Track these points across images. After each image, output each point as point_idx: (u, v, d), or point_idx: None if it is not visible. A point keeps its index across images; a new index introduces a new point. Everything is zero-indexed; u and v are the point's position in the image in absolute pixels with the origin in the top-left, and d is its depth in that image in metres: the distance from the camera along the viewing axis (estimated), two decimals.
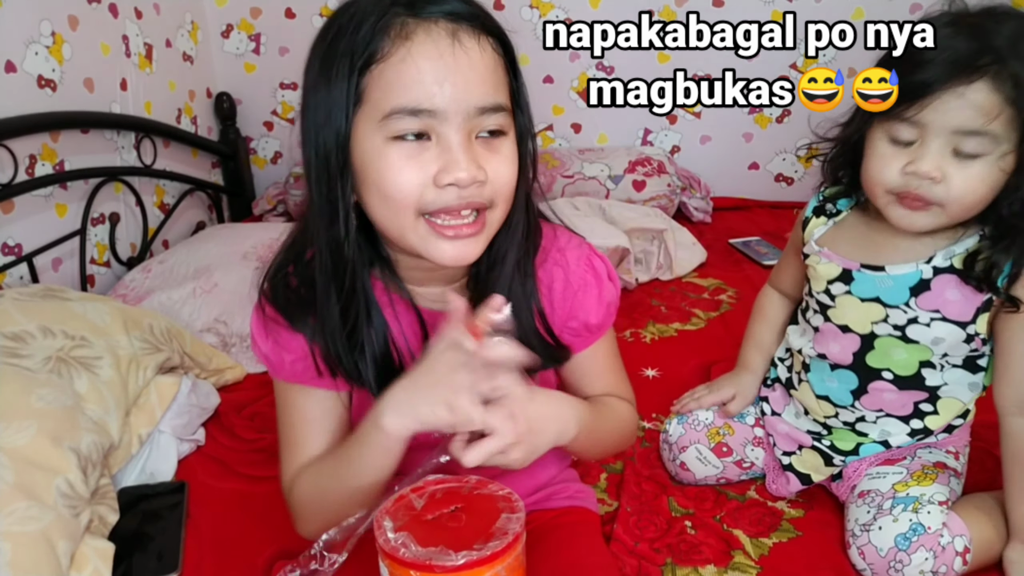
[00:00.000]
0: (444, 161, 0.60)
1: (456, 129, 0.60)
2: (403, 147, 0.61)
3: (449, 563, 0.56)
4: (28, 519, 0.86)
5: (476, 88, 0.60)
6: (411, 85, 0.59)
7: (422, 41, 0.59)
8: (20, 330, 1.09)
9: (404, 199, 0.61)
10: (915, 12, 2.22)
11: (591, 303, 0.77)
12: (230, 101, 2.33)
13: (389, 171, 0.61)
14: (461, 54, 0.59)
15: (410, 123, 0.60)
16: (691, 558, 0.96)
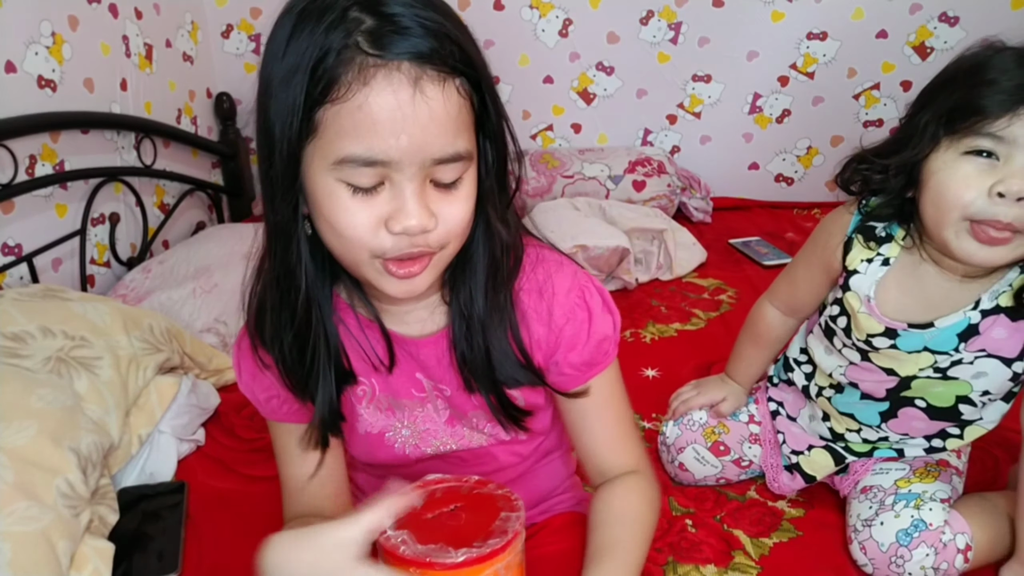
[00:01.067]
0: (394, 208, 0.57)
1: (410, 178, 0.57)
2: (352, 189, 0.57)
3: (448, 560, 0.56)
4: (28, 519, 0.86)
5: (434, 139, 0.56)
6: (364, 135, 0.55)
7: (381, 89, 0.54)
8: (20, 330, 1.09)
9: (355, 243, 0.59)
10: (915, 12, 2.22)
11: (579, 337, 0.72)
12: (230, 101, 2.33)
13: (342, 213, 0.58)
14: (421, 104, 0.54)
15: (362, 173, 0.56)
16: (692, 556, 0.97)
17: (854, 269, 0.92)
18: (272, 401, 0.74)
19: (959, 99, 0.80)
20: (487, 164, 0.62)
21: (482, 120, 0.61)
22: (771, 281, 1.87)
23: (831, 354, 0.99)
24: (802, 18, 2.27)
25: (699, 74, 2.38)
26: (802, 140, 2.44)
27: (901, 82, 2.32)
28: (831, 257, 0.95)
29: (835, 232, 0.95)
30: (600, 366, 0.75)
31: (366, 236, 0.58)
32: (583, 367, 0.74)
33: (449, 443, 0.78)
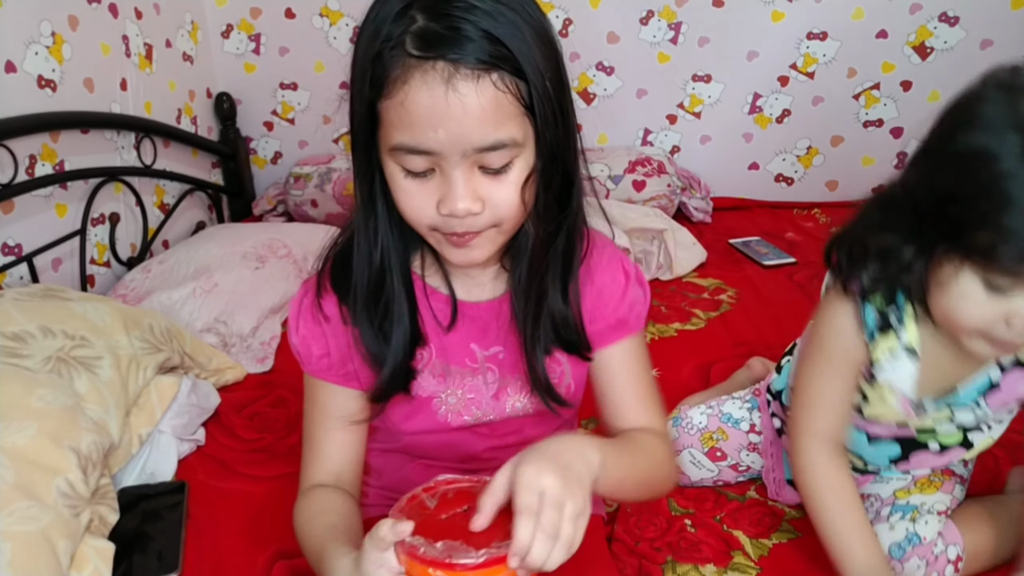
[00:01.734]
0: (443, 192, 0.63)
1: (455, 165, 0.62)
2: (410, 176, 0.64)
3: (470, 561, 0.56)
4: (28, 519, 0.86)
5: (472, 131, 0.60)
6: (408, 128, 0.60)
7: (417, 87, 0.59)
8: (20, 330, 1.09)
9: (415, 219, 0.66)
10: (915, 12, 2.22)
11: (614, 301, 0.79)
12: (230, 101, 2.33)
13: (401, 194, 0.65)
14: (454, 100, 0.58)
15: (412, 160, 0.62)
16: (691, 556, 0.97)
17: (877, 359, 0.86)
18: (323, 359, 0.77)
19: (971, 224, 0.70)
20: (545, 147, 0.65)
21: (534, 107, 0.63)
22: (771, 281, 1.88)
23: None
24: (802, 18, 2.27)
25: (699, 74, 2.38)
26: (802, 140, 2.44)
27: (901, 82, 2.32)
28: (857, 352, 0.87)
29: (844, 328, 0.87)
30: (632, 328, 0.80)
31: (422, 214, 0.65)
32: (617, 325, 0.79)
33: (490, 414, 0.82)
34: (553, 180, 0.67)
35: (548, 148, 0.65)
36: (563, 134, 0.66)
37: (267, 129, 2.50)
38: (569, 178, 0.70)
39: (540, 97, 0.62)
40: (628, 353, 0.81)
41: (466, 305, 0.77)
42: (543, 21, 0.64)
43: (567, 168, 0.68)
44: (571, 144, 0.68)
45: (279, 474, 1.16)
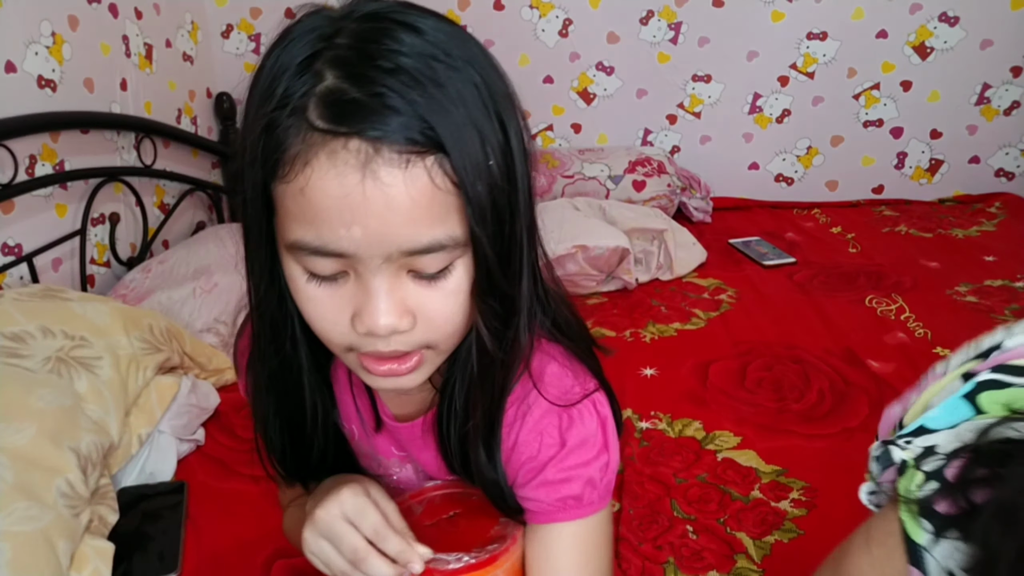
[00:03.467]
0: (358, 303, 0.47)
1: (376, 271, 0.46)
2: (316, 281, 0.48)
3: (449, 567, 0.56)
4: (28, 519, 0.85)
5: (399, 230, 0.44)
6: (310, 223, 0.45)
7: (323, 173, 0.43)
8: (20, 330, 1.09)
9: (327, 337, 0.51)
10: (915, 12, 2.22)
11: (536, 467, 0.58)
12: (230, 101, 2.33)
13: (306, 302, 0.49)
14: (375, 192, 0.43)
15: (317, 263, 0.47)
16: (693, 565, 0.96)
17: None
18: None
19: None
20: (481, 256, 0.48)
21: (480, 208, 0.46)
22: (771, 281, 1.88)
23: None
24: (802, 18, 2.28)
25: (699, 74, 2.39)
26: (802, 140, 2.44)
27: (901, 82, 2.32)
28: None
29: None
30: (574, 511, 0.59)
31: (334, 330, 0.49)
32: (553, 500, 0.59)
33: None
34: (500, 287, 0.50)
35: (484, 259, 0.48)
36: (507, 240, 0.49)
37: None
38: (509, 300, 0.51)
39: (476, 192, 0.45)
40: (567, 542, 0.60)
41: (388, 419, 0.63)
42: (491, 78, 0.48)
43: (506, 287, 0.50)
44: (515, 255, 0.50)
45: None
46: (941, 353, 1.45)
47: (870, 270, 1.90)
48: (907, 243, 2.09)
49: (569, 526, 0.59)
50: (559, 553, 0.60)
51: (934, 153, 2.41)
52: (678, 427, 1.27)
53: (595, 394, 0.59)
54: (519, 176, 0.49)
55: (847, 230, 2.21)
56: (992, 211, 2.29)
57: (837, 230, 2.22)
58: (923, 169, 2.44)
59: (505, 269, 0.50)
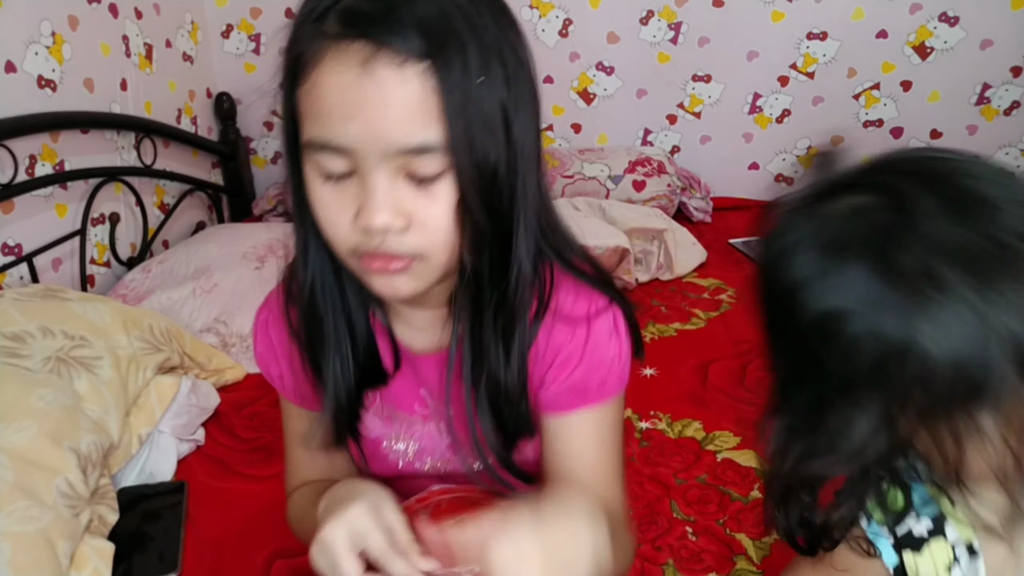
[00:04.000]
0: (360, 202, 0.52)
1: (374, 168, 0.50)
2: (327, 181, 0.53)
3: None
4: (28, 519, 0.85)
5: (394, 127, 0.49)
6: (318, 119, 0.51)
7: (330, 70, 0.49)
8: (20, 330, 1.09)
9: (333, 237, 0.55)
10: (915, 12, 2.22)
11: (572, 362, 0.63)
12: (230, 101, 2.33)
13: (318, 206, 0.54)
14: (371, 87, 0.48)
15: (328, 160, 0.52)
16: (692, 567, 0.96)
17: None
18: (280, 380, 0.72)
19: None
20: (474, 164, 0.52)
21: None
22: None
23: None
24: (802, 18, 2.28)
25: (699, 74, 2.38)
26: (802, 140, 2.44)
27: (901, 82, 2.32)
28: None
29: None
30: (592, 398, 0.64)
31: (339, 230, 0.54)
32: (570, 395, 0.64)
33: (445, 462, 0.74)
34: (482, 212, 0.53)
35: (471, 174, 0.51)
36: (505, 149, 0.53)
37: (267, 129, 2.50)
38: (510, 212, 0.55)
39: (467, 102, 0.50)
40: (587, 427, 0.65)
41: (408, 353, 0.67)
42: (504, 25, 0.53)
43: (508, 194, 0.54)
44: (515, 165, 0.54)
45: (279, 474, 1.15)
46: None
47: None
48: None
49: (586, 413, 0.64)
50: (577, 439, 0.65)
51: None
52: (678, 427, 1.27)
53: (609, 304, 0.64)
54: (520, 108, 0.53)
55: None
56: None
57: None
58: None
59: (490, 187, 0.53)
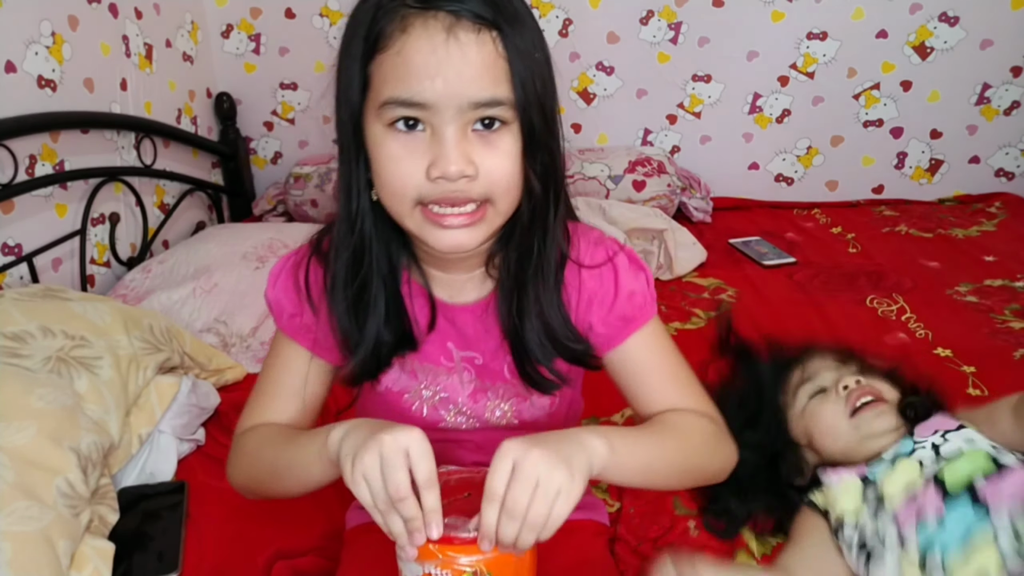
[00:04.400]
0: (434, 154, 0.60)
1: (448, 122, 0.60)
2: (399, 137, 0.61)
3: (467, 535, 0.57)
4: (28, 519, 0.85)
5: (470, 83, 0.59)
6: (404, 77, 0.59)
7: (418, 35, 0.58)
8: (20, 330, 1.09)
9: (400, 188, 0.62)
10: (915, 12, 2.22)
11: (609, 300, 0.74)
12: (230, 101, 2.33)
13: (387, 161, 0.62)
14: (455, 49, 0.58)
15: (403, 112, 0.60)
16: None
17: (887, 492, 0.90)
18: (295, 319, 0.76)
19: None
20: (529, 126, 0.63)
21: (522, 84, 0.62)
22: (771, 281, 1.88)
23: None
24: (802, 18, 2.28)
25: (699, 74, 2.38)
26: (802, 140, 2.44)
27: (901, 82, 2.32)
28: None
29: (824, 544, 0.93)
30: (637, 321, 0.75)
31: (408, 182, 0.61)
32: (619, 323, 0.74)
33: (468, 416, 0.79)
34: (537, 163, 0.65)
35: (530, 128, 0.63)
36: (546, 119, 0.65)
37: (267, 129, 2.50)
38: (553, 166, 0.67)
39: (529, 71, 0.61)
40: (642, 346, 0.76)
41: (445, 307, 0.75)
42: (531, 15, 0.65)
43: (549, 154, 0.66)
44: (554, 132, 0.66)
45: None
46: (941, 354, 1.45)
47: (870, 270, 1.90)
48: (907, 243, 2.09)
49: (637, 336, 0.75)
50: (640, 359, 0.76)
51: (934, 153, 2.41)
52: None
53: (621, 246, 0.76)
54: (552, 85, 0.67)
55: (847, 230, 2.21)
56: (992, 211, 2.29)
57: (837, 230, 2.22)
58: (923, 169, 2.44)
59: (541, 140, 0.64)
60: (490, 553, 0.57)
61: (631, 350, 0.76)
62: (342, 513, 0.97)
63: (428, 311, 0.74)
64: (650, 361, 0.76)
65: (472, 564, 0.58)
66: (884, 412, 0.97)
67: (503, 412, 0.79)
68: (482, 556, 0.57)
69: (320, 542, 1.02)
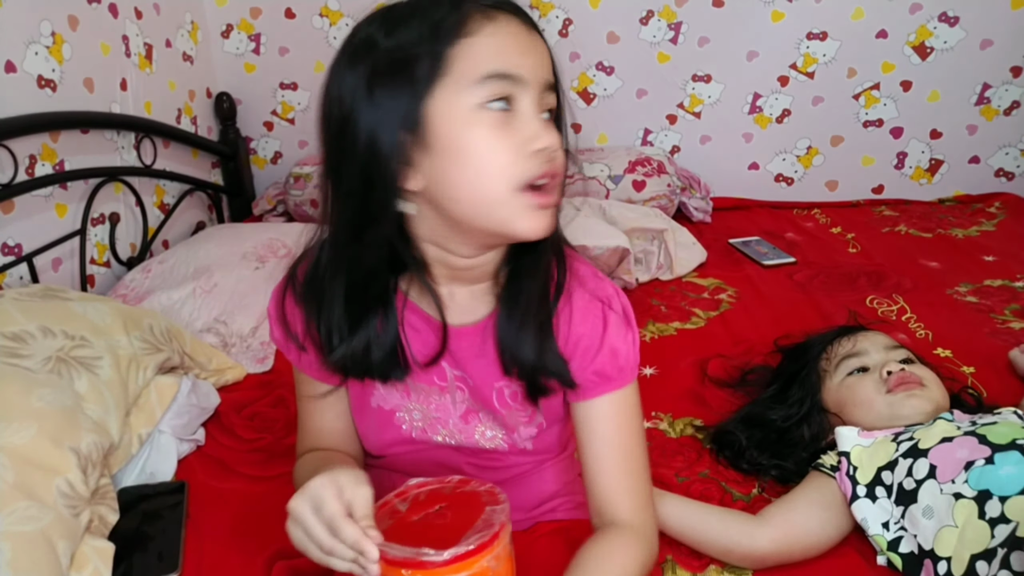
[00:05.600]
0: (531, 130, 0.63)
1: (533, 101, 0.64)
2: (490, 117, 0.62)
3: (439, 559, 0.57)
4: (28, 519, 0.85)
5: (545, 65, 0.66)
6: (501, 54, 0.62)
7: (507, 21, 0.63)
8: (20, 330, 1.09)
9: (498, 171, 0.63)
10: (915, 12, 2.22)
11: (593, 344, 0.73)
12: (230, 101, 2.33)
13: (480, 142, 0.62)
14: (535, 35, 0.66)
15: (501, 86, 0.62)
16: (692, 563, 0.96)
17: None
18: (293, 353, 0.80)
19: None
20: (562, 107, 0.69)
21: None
22: (771, 281, 1.88)
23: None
24: (802, 18, 2.28)
25: (699, 74, 2.38)
26: (802, 140, 2.44)
27: (901, 82, 2.32)
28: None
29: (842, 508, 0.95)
30: (614, 383, 0.74)
31: (508, 164, 0.62)
32: (595, 379, 0.73)
33: (457, 436, 0.80)
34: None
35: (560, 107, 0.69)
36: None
37: (267, 129, 2.50)
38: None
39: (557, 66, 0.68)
40: (609, 414, 0.75)
41: (456, 330, 0.75)
42: None
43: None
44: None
45: (279, 474, 1.16)
46: (941, 354, 1.45)
47: (870, 270, 1.90)
48: (907, 243, 2.09)
49: (608, 398, 0.74)
50: (603, 421, 0.74)
51: (934, 153, 2.41)
52: (679, 426, 1.27)
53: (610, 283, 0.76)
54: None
55: (847, 230, 2.21)
56: (992, 211, 2.29)
57: (837, 230, 2.22)
58: (923, 169, 2.44)
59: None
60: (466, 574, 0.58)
61: (597, 412, 0.75)
62: None
63: (431, 338, 0.74)
64: (610, 435, 0.75)
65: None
66: (921, 396, 1.02)
67: (493, 435, 0.80)
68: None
69: None
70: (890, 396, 1.02)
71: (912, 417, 1.00)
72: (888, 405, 1.02)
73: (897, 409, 1.01)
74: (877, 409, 1.03)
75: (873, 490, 0.92)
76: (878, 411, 1.03)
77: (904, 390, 1.02)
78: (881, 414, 1.02)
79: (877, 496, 0.92)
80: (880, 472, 0.93)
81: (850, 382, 1.08)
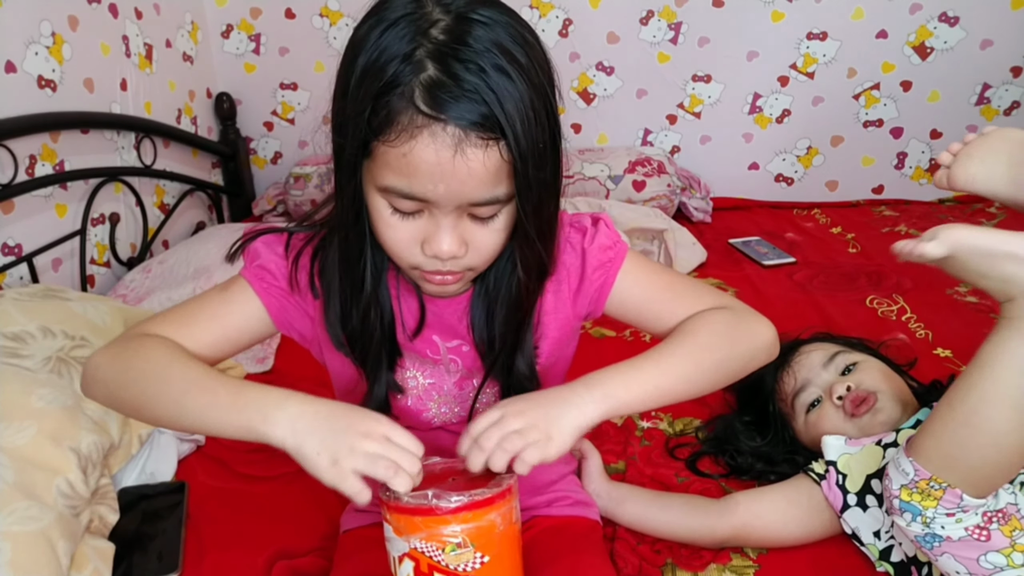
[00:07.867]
0: (429, 233, 0.64)
1: (446, 213, 0.63)
2: (396, 212, 0.64)
3: (448, 504, 0.59)
4: (28, 519, 0.85)
5: (472, 190, 0.61)
6: (406, 176, 0.60)
7: (425, 145, 0.58)
8: (20, 330, 1.09)
9: (396, 254, 0.67)
10: (915, 12, 2.22)
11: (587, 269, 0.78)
12: (230, 101, 2.33)
13: (385, 227, 0.65)
14: (461, 163, 0.58)
15: (403, 203, 0.62)
16: (691, 563, 0.96)
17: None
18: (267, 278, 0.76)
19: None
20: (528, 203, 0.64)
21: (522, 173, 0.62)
22: (771, 281, 1.88)
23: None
24: (802, 18, 2.28)
25: (699, 74, 2.39)
26: (802, 140, 2.44)
27: (901, 82, 2.32)
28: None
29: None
30: (615, 262, 0.78)
31: (404, 251, 0.66)
32: (600, 273, 0.78)
33: (455, 406, 0.81)
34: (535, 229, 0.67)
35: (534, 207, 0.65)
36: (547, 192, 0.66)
37: (267, 129, 2.50)
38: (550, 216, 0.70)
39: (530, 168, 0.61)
40: (631, 282, 0.79)
41: (435, 301, 0.77)
42: (542, 61, 0.65)
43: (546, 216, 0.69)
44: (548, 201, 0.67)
45: (279, 474, 1.16)
46: (941, 354, 1.45)
47: (870, 270, 1.90)
48: None
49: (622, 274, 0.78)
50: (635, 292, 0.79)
51: (934, 153, 2.41)
52: (679, 426, 1.27)
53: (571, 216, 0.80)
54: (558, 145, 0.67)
55: (847, 230, 2.21)
56: (992, 211, 2.29)
57: (837, 230, 2.22)
58: (923, 169, 2.44)
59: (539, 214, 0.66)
60: (473, 525, 0.60)
61: (623, 289, 0.79)
62: (342, 514, 0.97)
63: (416, 308, 0.77)
64: (645, 291, 0.79)
65: (456, 534, 0.60)
66: (883, 408, 1.02)
67: (488, 398, 0.80)
68: (466, 526, 0.60)
69: (320, 542, 1.02)
70: (856, 420, 1.03)
71: (886, 425, 1.01)
72: (858, 428, 1.03)
73: (868, 429, 1.01)
74: (850, 432, 1.03)
75: (863, 499, 0.93)
76: (852, 433, 1.02)
77: (864, 410, 1.02)
78: (856, 434, 1.02)
79: (868, 505, 0.92)
80: (869, 480, 0.93)
81: (812, 420, 1.08)
